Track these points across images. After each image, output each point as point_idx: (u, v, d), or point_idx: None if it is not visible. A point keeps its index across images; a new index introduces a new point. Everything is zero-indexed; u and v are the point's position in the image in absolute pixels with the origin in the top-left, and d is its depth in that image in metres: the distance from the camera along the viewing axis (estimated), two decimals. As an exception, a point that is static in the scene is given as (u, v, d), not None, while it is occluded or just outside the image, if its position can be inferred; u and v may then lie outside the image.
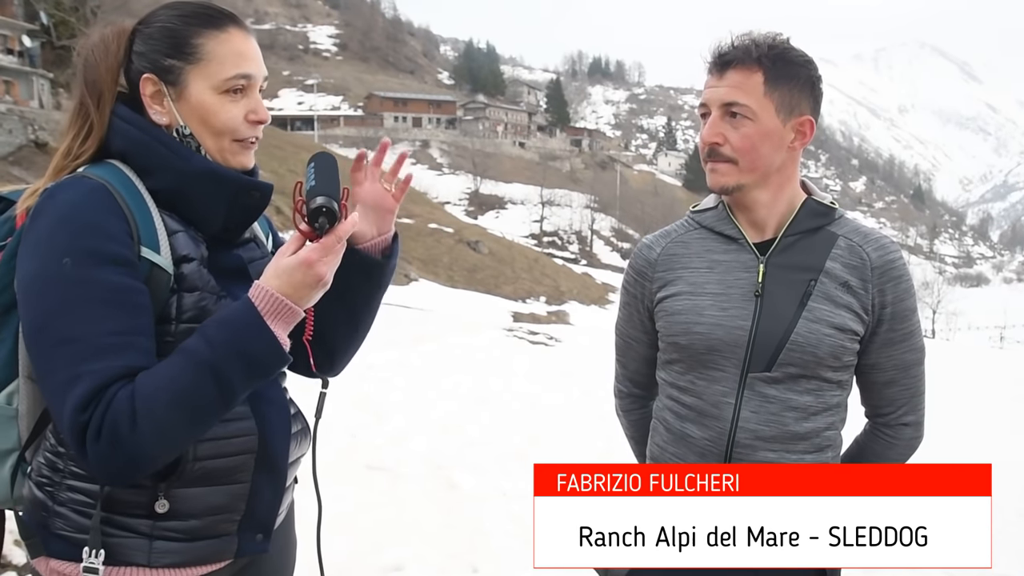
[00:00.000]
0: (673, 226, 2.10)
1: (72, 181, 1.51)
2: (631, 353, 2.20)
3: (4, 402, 1.57)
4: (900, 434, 2.00)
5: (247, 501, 1.62)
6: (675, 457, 1.97)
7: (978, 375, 16.43)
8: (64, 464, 1.54)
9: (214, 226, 1.63)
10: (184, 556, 1.55)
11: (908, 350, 1.93)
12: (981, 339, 60.91)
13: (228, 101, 1.60)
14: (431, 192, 79.75)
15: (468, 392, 9.94)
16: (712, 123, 1.86)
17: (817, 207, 1.94)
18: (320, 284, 1.51)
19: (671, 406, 2.00)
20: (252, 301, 1.47)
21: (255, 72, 1.63)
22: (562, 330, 22.47)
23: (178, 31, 1.60)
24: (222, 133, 1.61)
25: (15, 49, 35.98)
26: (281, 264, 1.49)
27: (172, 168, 1.57)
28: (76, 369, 1.39)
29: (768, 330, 1.85)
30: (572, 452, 7.30)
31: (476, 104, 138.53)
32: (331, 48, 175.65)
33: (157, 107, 1.60)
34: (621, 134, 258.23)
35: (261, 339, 1.45)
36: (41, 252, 1.44)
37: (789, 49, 1.86)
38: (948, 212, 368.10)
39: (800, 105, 1.87)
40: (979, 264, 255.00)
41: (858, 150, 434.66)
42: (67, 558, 1.53)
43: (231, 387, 1.44)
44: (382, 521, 5.18)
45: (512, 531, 5.25)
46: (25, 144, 28.40)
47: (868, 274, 1.87)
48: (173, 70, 1.59)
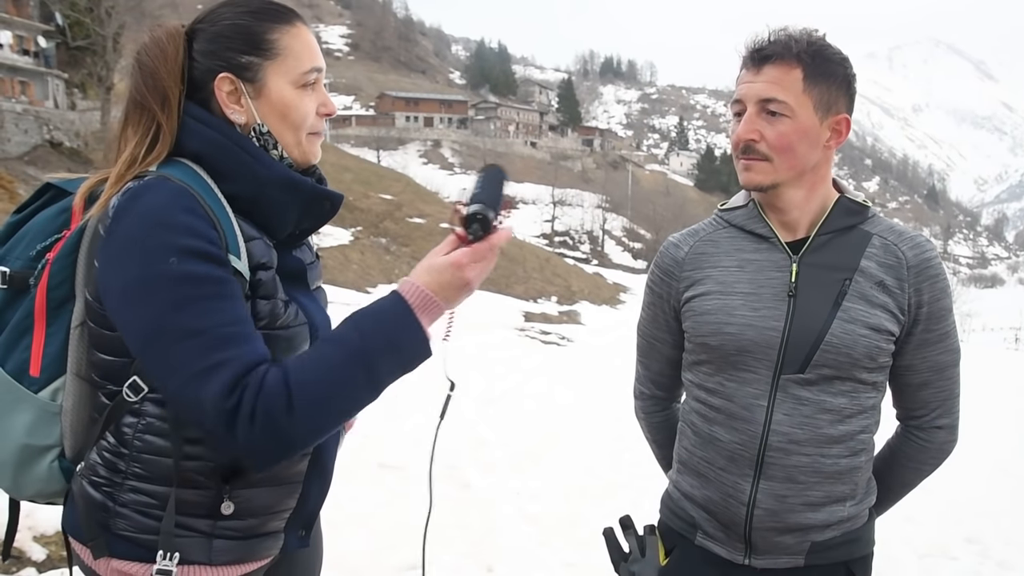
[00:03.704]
0: (701, 224, 2.05)
1: (156, 182, 1.48)
2: (655, 354, 2.15)
3: (49, 398, 1.56)
4: (933, 437, 1.95)
5: (298, 500, 1.66)
6: (703, 461, 1.93)
7: (994, 377, 16.32)
8: (126, 465, 1.52)
9: (283, 233, 1.63)
10: (240, 553, 1.58)
11: (944, 351, 1.88)
12: (996, 340, 60.44)
13: (304, 95, 1.61)
14: (443, 192, 79.67)
15: (481, 392, 9.94)
16: (748, 119, 1.80)
17: (851, 205, 1.89)
18: (466, 287, 1.52)
19: (698, 408, 1.95)
20: (402, 295, 1.49)
21: (323, 65, 1.66)
22: (574, 330, 22.46)
23: (251, 27, 1.58)
24: (300, 127, 1.61)
25: (30, 50, 36.14)
26: (433, 263, 1.52)
27: (252, 174, 1.56)
28: (209, 359, 1.38)
29: (802, 331, 1.80)
30: (585, 452, 7.29)
31: (487, 104, 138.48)
32: (343, 48, 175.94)
33: (235, 106, 1.58)
34: (633, 134, 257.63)
35: (410, 331, 1.48)
36: (139, 254, 1.42)
37: (827, 46, 1.81)
38: (962, 212, 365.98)
39: (837, 103, 1.82)
40: (994, 265, 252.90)
41: (872, 150, 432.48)
42: (131, 558, 1.53)
43: (378, 377, 1.46)
44: (396, 520, 5.18)
45: (526, 531, 5.25)
46: (40, 144, 28.56)
47: (904, 273, 1.82)
48: (251, 67, 1.58)
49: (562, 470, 6.83)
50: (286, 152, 1.62)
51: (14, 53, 35.21)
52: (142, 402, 1.51)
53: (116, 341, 1.49)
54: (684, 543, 1.98)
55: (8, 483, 1.64)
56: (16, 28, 35.68)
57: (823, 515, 1.83)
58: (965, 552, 5.45)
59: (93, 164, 27.81)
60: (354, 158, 65.81)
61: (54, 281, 1.54)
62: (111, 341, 1.50)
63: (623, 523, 2.08)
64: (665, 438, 2.21)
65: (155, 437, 1.51)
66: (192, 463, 1.51)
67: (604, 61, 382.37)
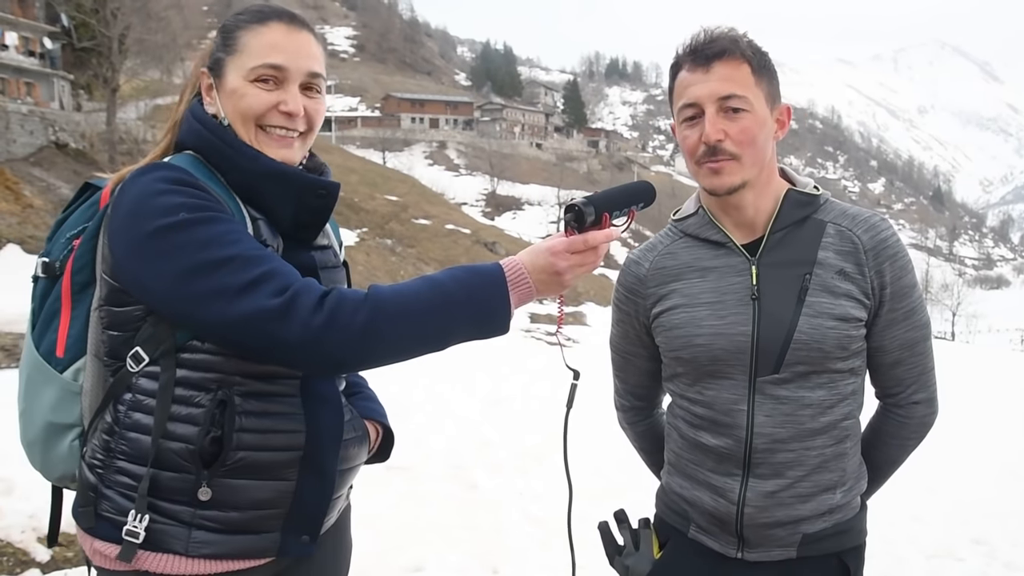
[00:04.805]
0: (658, 237, 2.05)
1: (155, 164, 1.58)
2: (630, 368, 2.16)
3: (71, 378, 1.62)
4: (912, 412, 1.94)
5: (291, 500, 1.61)
6: (692, 464, 1.94)
7: (1000, 378, 16.29)
8: (115, 443, 1.55)
9: (284, 223, 1.66)
10: (222, 548, 1.55)
11: (912, 328, 1.87)
12: (1002, 342, 60.35)
13: (254, 88, 1.64)
14: (448, 193, 79.74)
15: (487, 392, 9.94)
16: (711, 119, 1.76)
17: (799, 197, 1.88)
18: (556, 277, 1.56)
19: (683, 415, 1.95)
20: (502, 265, 1.54)
21: (287, 64, 1.65)
22: (579, 331, 22.45)
23: (228, 27, 1.69)
24: (247, 117, 1.64)
25: (36, 51, 36.25)
26: (535, 246, 1.57)
27: (235, 165, 1.62)
28: (249, 275, 1.43)
29: (770, 332, 1.79)
30: (590, 453, 7.28)
31: (493, 105, 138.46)
32: (348, 49, 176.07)
33: (208, 99, 1.69)
34: (638, 135, 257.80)
35: (497, 298, 1.52)
36: (151, 211, 1.48)
37: (755, 41, 1.83)
38: (968, 214, 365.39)
39: (777, 94, 1.85)
40: (999, 266, 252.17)
41: (877, 151, 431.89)
42: (109, 539, 1.55)
43: (451, 327, 1.51)
44: (403, 521, 5.19)
45: (531, 532, 5.25)
46: (46, 145, 28.60)
47: (863, 257, 1.81)
48: (218, 63, 1.67)
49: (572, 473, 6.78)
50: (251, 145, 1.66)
51: (20, 54, 35.34)
52: (138, 376, 1.55)
53: (121, 316, 1.56)
54: (677, 536, 1.99)
55: (39, 462, 1.71)
56: (22, 29, 35.80)
57: (813, 504, 1.83)
58: (972, 553, 5.44)
59: (98, 165, 27.88)
60: (359, 159, 65.94)
61: (77, 265, 1.63)
62: (117, 316, 1.56)
63: (617, 517, 2.10)
64: (651, 444, 2.22)
65: (142, 415, 1.54)
66: (173, 444, 1.52)
67: (610, 62, 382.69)
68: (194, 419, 1.52)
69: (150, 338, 1.54)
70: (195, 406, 1.53)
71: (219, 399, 1.53)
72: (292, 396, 1.60)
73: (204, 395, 1.53)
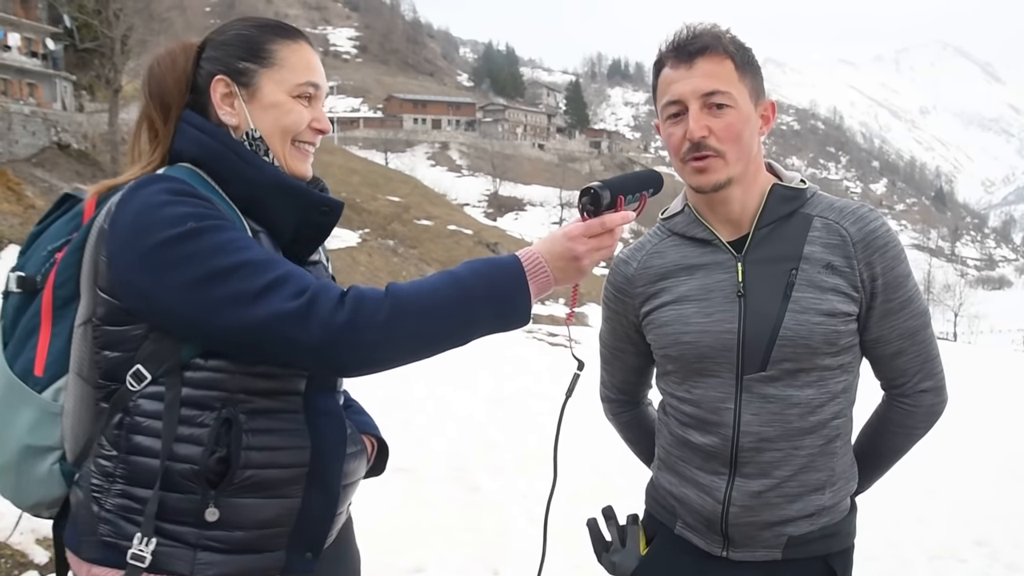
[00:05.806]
0: (646, 236, 2.05)
1: (153, 177, 1.55)
2: (617, 363, 2.18)
3: (51, 398, 1.56)
4: (920, 401, 1.91)
5: (296, 518, 1.59)
6: (680, 460, 1.94)
7: (1002, 379, 16.25)
8: (114, 467, 1.51)
9: (284, 237, 1.65)
10: (227, 568, 1.53)
11: (910, 316, 1.84)
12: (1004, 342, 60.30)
13: (298, 104, 1.66)
14: (450, 194, 79.79)
15: (489, 393, 9.94)
16: (696, 116, 1.75)
17: (785, 192, 1.86)
18: (574, 262, 1.57)
19: (673, 413, 1.96)
20: (519, 256, 1.54)
21: (322, 84, 1.70)
22: (582, 332, 22.44)
23: (253, 37, 1.66)
24: (288, 131, 1.65)
25: (39, 52, 36.32)
26: (551, 234, 1.58)
27: (244, 178, 1.59)
28: (264, 279, 1.43)
29: (755, 329, 1.78)
30: (593, 454, 7.27)
31: (495, 106, 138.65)
32: (351, 50, 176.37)
33: (227, 108, 1.64)
34: (640, 136, 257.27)
35: (516, 290, 1.52)
36: (156, 224, 1.45)
37: (738, 37, 1.83)
38: (970, 214, 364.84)
39: (762, 90, 1.84)
40: (1002, 267, 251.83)
41: (879, 152, 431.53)
42: (109, 564, 1.51)
43: (473, 320, 1.51)
44: (405, 522, 5.19)
45: (533, 534, 5.25)
46: (48, 146, 28.68)
47: (851, 250, 1.78)
48: (247, 72, 1.64)
49: (571, 472, 6.80)
50: (276, 159, 1.65)
51: (22, 55, 35.42)
52: (138, 397, 1.50)
53: (119, 335, 1.51)
54: (664, 531, 1.99)
55: (11, 489, 1.64)
56: (24, 30, 35.88)
57: (801, 504, 1.81)
58: (974, 554, 5.43)
59: (100, 166, 27.92)
60: (362, 160, 65.97)
61: (60, 279, 1.57)
62: (115, 335, 1.52)
63: (605, 513, 2.10)
64: (638, 435, 2.24)
65: (143, 437, 1.50)
66: (178, 465, 1.49)
67: (612, 63, 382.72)
68: (197, 439, 1.49)
69: (152, 355, 1.50)
70: (198, 426, 1.49)
71: (223, 417, 1.50)
72: (295, 412, 1.58)
73: (208, 414, 1.50)
